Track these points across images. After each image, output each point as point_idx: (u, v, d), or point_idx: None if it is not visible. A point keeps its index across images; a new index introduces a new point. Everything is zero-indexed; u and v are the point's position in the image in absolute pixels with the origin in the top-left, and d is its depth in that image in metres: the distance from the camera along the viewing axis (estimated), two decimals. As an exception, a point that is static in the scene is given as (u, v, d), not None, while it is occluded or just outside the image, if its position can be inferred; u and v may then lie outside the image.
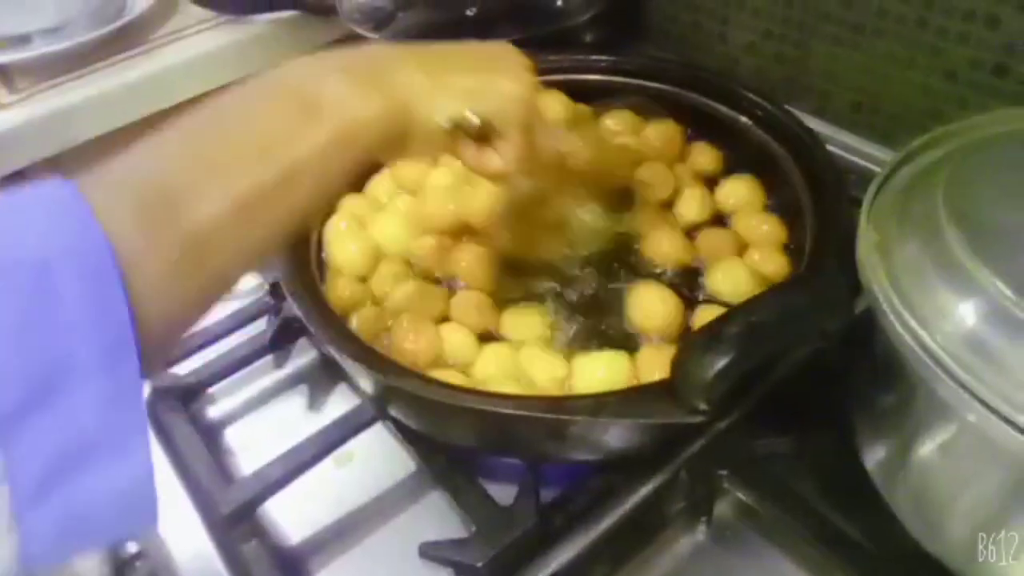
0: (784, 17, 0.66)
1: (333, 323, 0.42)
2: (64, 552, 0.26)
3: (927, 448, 0.37)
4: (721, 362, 0.31)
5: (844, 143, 0.65)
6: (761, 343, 0.32)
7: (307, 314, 0.41)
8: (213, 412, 0.53)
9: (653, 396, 0.34)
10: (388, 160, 0.39)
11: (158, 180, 0.29)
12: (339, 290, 0.49)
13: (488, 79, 0.39)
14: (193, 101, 0.77)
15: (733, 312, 0.33)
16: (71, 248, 0.25)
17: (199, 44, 0.80)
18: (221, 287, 0.31)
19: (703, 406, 0.32)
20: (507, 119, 0.39)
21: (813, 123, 0.65)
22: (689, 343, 0.32)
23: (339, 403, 0.53)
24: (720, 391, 0.32)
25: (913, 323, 0.34)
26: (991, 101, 0.55)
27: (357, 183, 0.57)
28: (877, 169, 0.63)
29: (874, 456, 0.41)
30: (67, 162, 0.75)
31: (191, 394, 0.51)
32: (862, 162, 0.64)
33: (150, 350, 0.27)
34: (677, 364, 0.33)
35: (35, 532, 0.24)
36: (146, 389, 0.51)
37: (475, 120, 0.38)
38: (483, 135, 0.39)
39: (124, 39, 0.79)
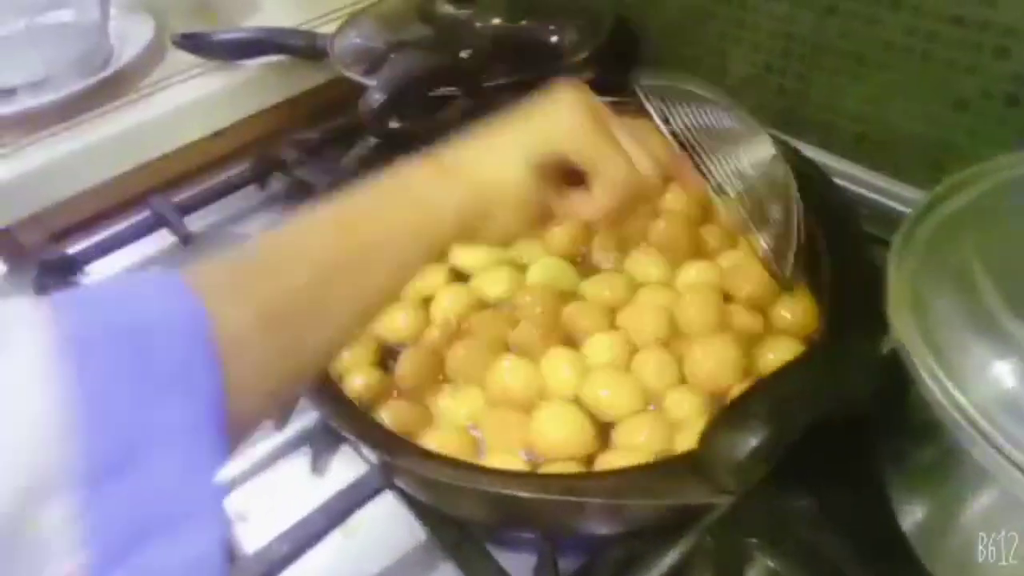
0: (784, 50, 0.65)
1: (333, 394, 0.40)
2: None
3: (968, 513, 0.35)
4: (753, 441, 0.29)
5: (850, 175, 0.64)
6: (792, 417, 0.30)
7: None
8: (212, 481, 0.51)
9: (679, 474, 0.32)
10: (485, 240, 0.40)
11: (255, 257, 0.33)
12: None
13: (542, 116, 0.39)
14: (183, 149, 0.78)
15: (761, 386, 0.31)
16: (169, 317, 0.27)
17: (188, 91, 0.78)
18: (304, 358, 0.33)
19: (733, 486, 0.30)
20: (576, 150, 0.38)
21: (817, 155, 0.64)
22: (717, 420, 0.30)
23: (343, 465, 0.51)
24: (752, 471, 0.30)
25: (948, 384, 0.32)
26: (1004, 132, 0.54)
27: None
28: (886, 201, 0.63)
29: (911, 517, 0.39)
30: (53, 216, 0.73)
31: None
32: (870, 194, 0.63)
33: (237, 420, 0.28)
34: (705, 441, 0.31)
35: None
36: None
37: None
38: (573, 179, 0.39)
39: (111, 89, 0.77)
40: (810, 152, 0.61)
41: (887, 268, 0.36)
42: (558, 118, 0.39)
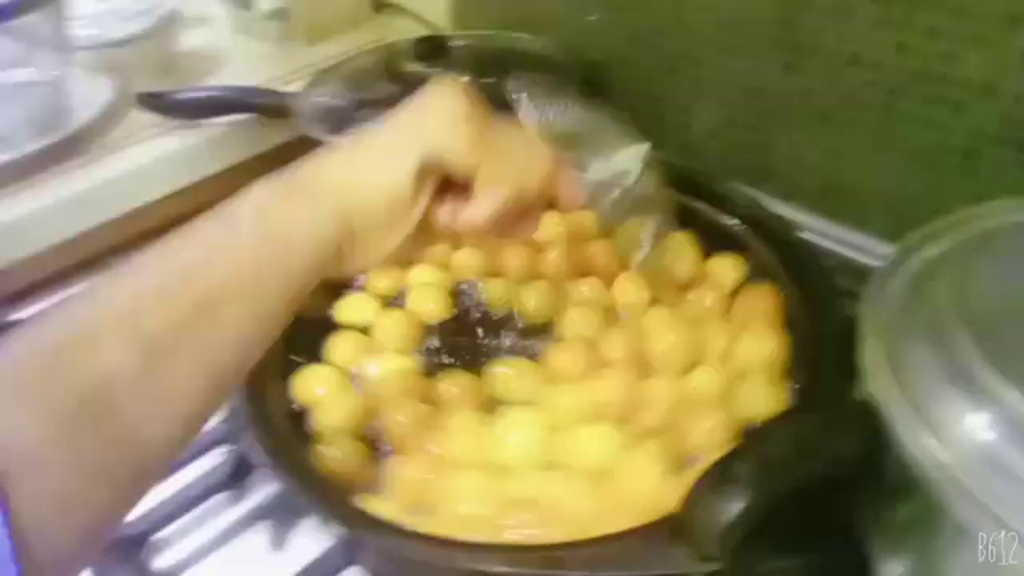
0: (746, 105, 0.66)
1: (296, 465, 0.38)
2: None
3: (950, 570, 0.34)
4: (736, 506, 0.28)
5: (815, 227, 0.64)
6: (776, 481, 0.29)
7: (269, 458, 0.37)
8: (163, 561, 0.48)
9: (661, 542, 0.30)
10: (357, 266, 0.34)
11: (44, 344, 0.25)
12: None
13: (416, 118, 0.35)
14: (143, 209, 0.76)
15: (744, 447, 0.30)
16: None
17: (150, 150, 0.77)
18: (137, 459, 0.26)
19: (718, 553, 0.29)
20: (455, 154, 0.34)
21: (783, 208, 0.64)
22: (699, 484, 0.29)
23: (306, 539, 0.48)
24: (736, 537, 0.28)
25: (926, 440, 0.32)
26: (963, 183, 0.55)
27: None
28: (850, 252, 0.63)
29: (893, 575, 0.38)
30: (6, 279, 0.71)
31: (137, 544, 0.46)
32: (835, 246, 0.63)
33: (48, 561, 0.22)
34: (687, 507, 0.29)
35: None
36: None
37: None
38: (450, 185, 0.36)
39: (70, 148, 0.75)
40: (776, 205, 0.61)
41: (860, 324, 0.36)
42: (434, 120, 0.35)
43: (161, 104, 0.79)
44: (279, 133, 0.81)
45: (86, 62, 0.84)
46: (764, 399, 0.42)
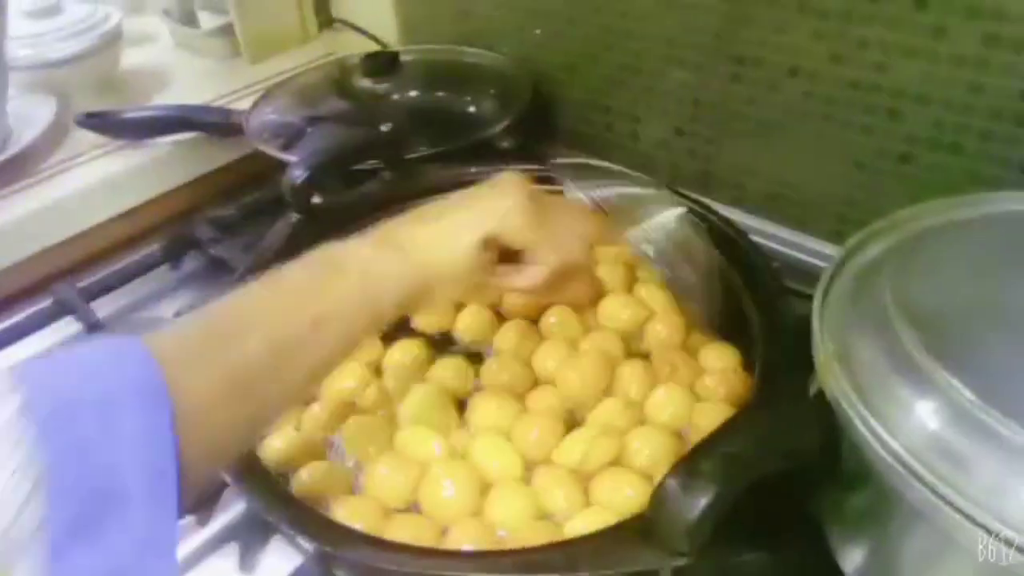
0: (693, 116, 0.68)
1: (265, 485, 0.38)
2: None
3: (904, 552, 0.36)
4: (703, 502, 0.29)
5: (761, 230, 0.67)
6: (739, 475, 0.30)
7: (237, 478, 0.37)
8: (128, 588, 0.47)
9: (631, 541, 0.31)
10: (423, 310, 0.47)
11: (210, 326, 0.34)
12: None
13: (487, 200, 0.45)
14: (88, 232, 0.74)
15: (706, 445, 0.31)
16: (130, 387, 0.28)
17: (94, 171, 0.75)
18: (261, 420, 0.37)
19: (687, 548, 0.30)
20: (516, 231, 0.44)
21: (731, 213, 0.66)
22: (666, 482, 0.30)
23: (275, 559, 0.48)
24: (704, 531, 0.29)
25: (878, 427, 0.33)
26: (900, 186, 0.57)
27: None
28: (796, 253, 0.66)
29: (852, 561, 0.39)
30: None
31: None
32: (780, 247, 0.66)
33: (194, 475, 0.30)
34: (655, 504, 0.30)
35: None
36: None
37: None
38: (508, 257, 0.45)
39: (9, 172, 0.73)
40: (724, 210, 0.63)
41: (811, 321, 0.38)
42: (498, 203, 0.44)
43: (104, 124, 0.77)
44: (227, 151, 0.81)
45: (25, 82, 0.82)
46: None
